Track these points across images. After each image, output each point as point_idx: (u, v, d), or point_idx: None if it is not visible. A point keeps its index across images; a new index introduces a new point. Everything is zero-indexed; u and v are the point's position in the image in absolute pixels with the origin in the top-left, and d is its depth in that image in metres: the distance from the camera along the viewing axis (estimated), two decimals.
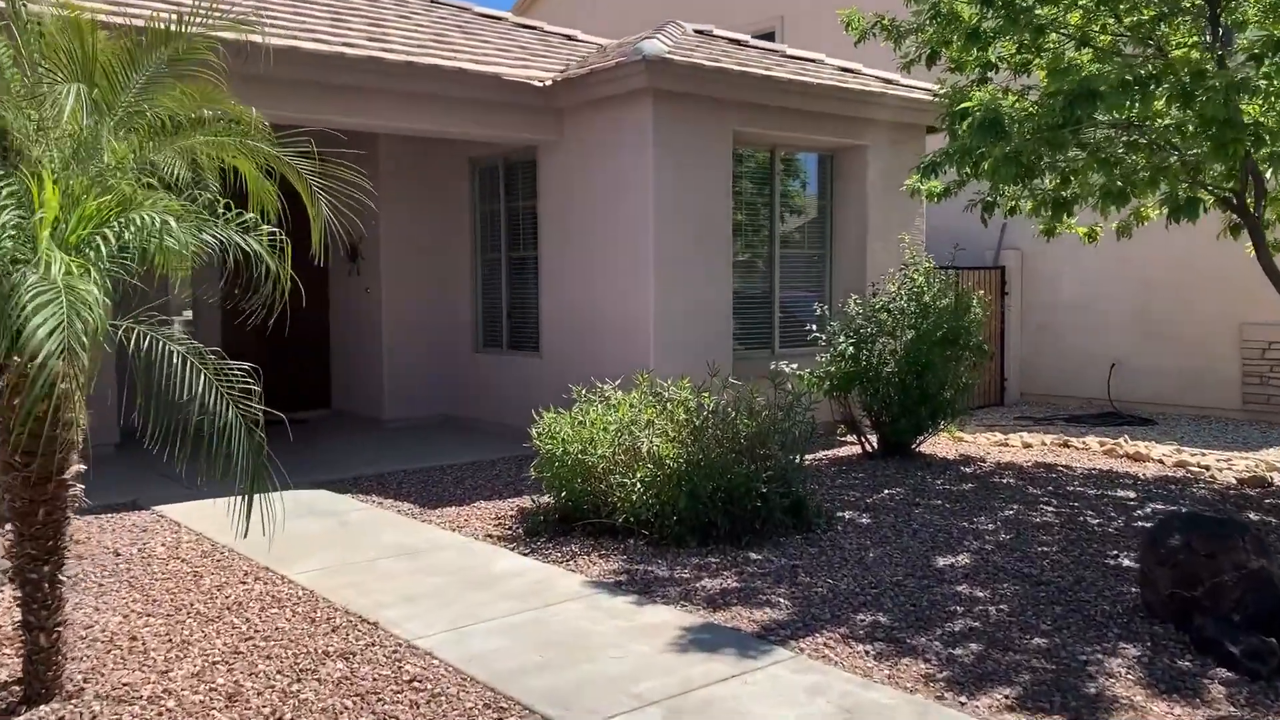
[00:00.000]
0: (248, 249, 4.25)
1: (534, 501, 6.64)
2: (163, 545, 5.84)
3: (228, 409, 3.90)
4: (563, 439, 6.15)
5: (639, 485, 5.86)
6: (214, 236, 4.18)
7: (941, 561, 5.65)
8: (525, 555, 5.73)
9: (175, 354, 3.89)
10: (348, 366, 11.21)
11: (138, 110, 4.24)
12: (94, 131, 3.98)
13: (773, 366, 7.29)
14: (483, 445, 9.30)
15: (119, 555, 5.62)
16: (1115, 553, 5.73)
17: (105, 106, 4.14)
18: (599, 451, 6.02)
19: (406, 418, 10.70)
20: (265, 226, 4.59)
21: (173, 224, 3.85)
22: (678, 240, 8.66)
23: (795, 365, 7.43)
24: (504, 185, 10.17)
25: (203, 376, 3.91)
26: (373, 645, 4.39)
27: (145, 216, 3.76)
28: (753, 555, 5.69)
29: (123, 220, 3.74)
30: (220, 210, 4.27)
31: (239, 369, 4.10)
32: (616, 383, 6.73)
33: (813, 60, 10.08)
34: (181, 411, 3.99)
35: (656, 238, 8.52)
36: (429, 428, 10.54)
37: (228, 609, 4.82)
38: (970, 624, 4.62)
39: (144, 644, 4.41)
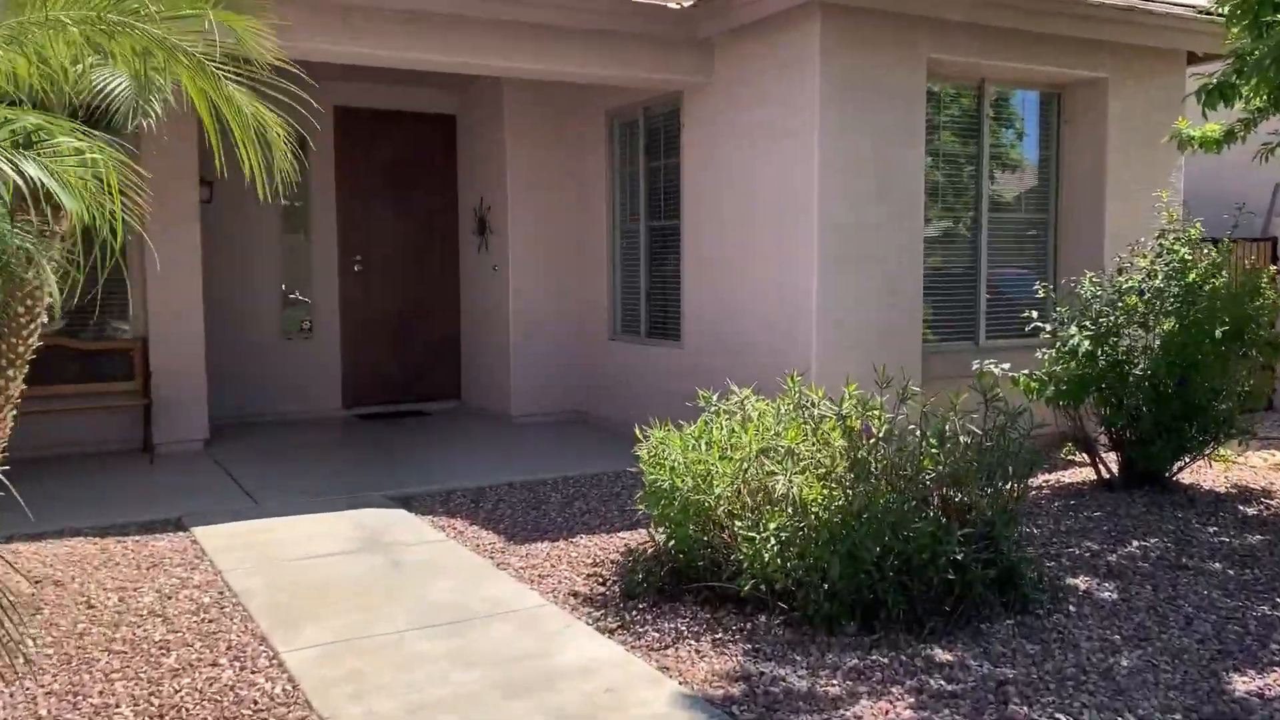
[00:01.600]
0: None
1: (643, 544, 5.01)
2: (157, 593, 4.55)
3: None
4: (671, 467, 4.47)
5: (772, 540, 4.11)
6: None
7: (1240, 683, 3.63)
8: (609, 634, 4.09)
9: None
10: (477, 354, 9.91)
11: None
12: None
13: (976, 366, 5.38)
14: (611, 451, 7.73)
15: (91, 608, 4.36)
16: None
17: None
18: (717, 490, 4.30)
19: (536, 414, 9.28)
20: None
21: None
22: (850, 201, 6.76)
23: (1007, 365, 5.47)
24: (644, 141, 8.52)
25: None
26: None
27: None
28: (939, 655, 3.84)
29: None
30: None
31: None
32: (753, 388, 4.97)
33: None
34: None
35: (822, 198, 6.66)
36: (558, 426, 9.07)
37: (162, 715, 3.41)
38: None
39: None
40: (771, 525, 4.12)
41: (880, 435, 4.27)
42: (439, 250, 10.10)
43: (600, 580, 4.75)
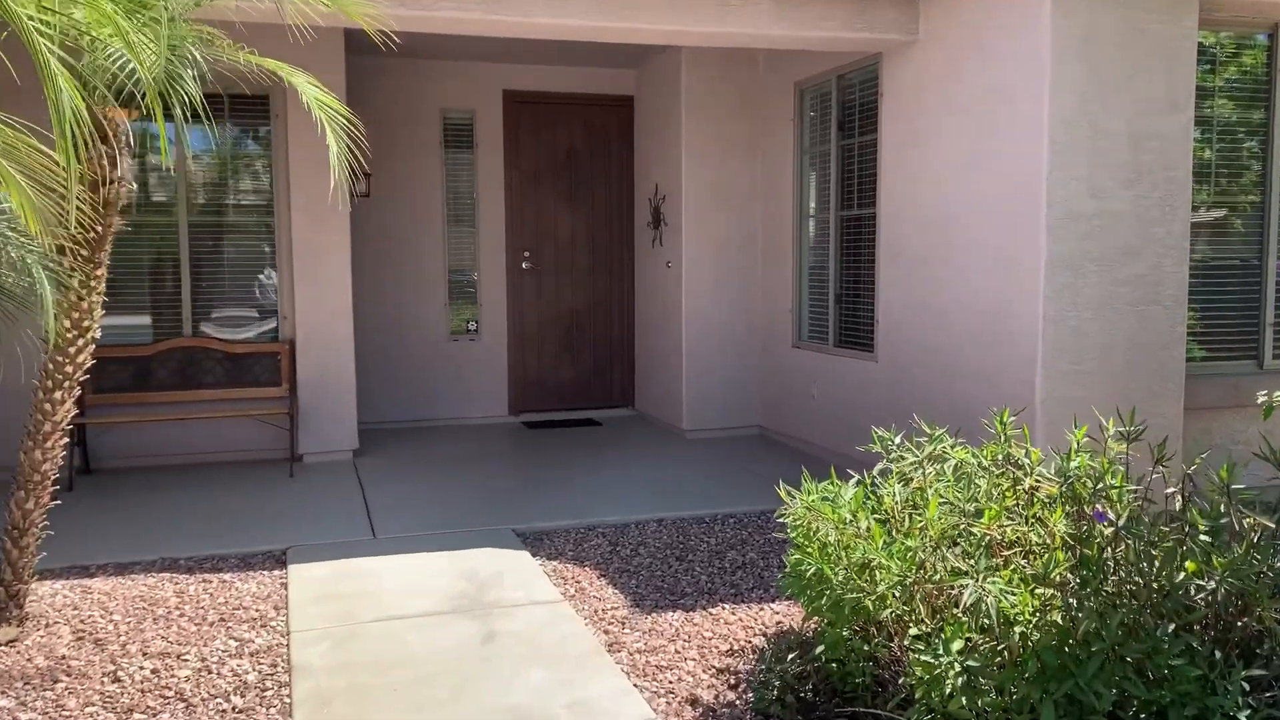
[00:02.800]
0: None
1: (793, 629, 3.90)
2: (202, 662, 3.86)
3: None
4: (822, 544, 3.34)
5: (956, 666, 2.91)
6: None
7: None
8: None
9: None
10: (650, 359, 8.98)
11: None
12: None
13: (1263, 397, 3.94)
14: (788, 479, 6.61)
15: (116, 681, 3.70)
16: None
17: None
18: (879, 587, 3.13)
19: (709, 428, 8.26)
20: None
21: None
22: (1090, 185, 5.31)
23: None
24: (837, 116, 7.28)
25: None
26: None
27: None
28: None
29: None
30: None
31: None
32: (948, 430, 3.73)
33: None
34: None
35: (1052, 180, 5.25)
36: (732, 444, 8.00)
37: None
38: None
39: None
40: (956, 646, 2.91)
41: (1122, 522, 2.97)
42: (614, 245, 9.23)
43: (731, 682, 3.67)
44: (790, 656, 3.54)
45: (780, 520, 3.62)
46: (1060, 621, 2.85)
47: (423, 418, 8.80)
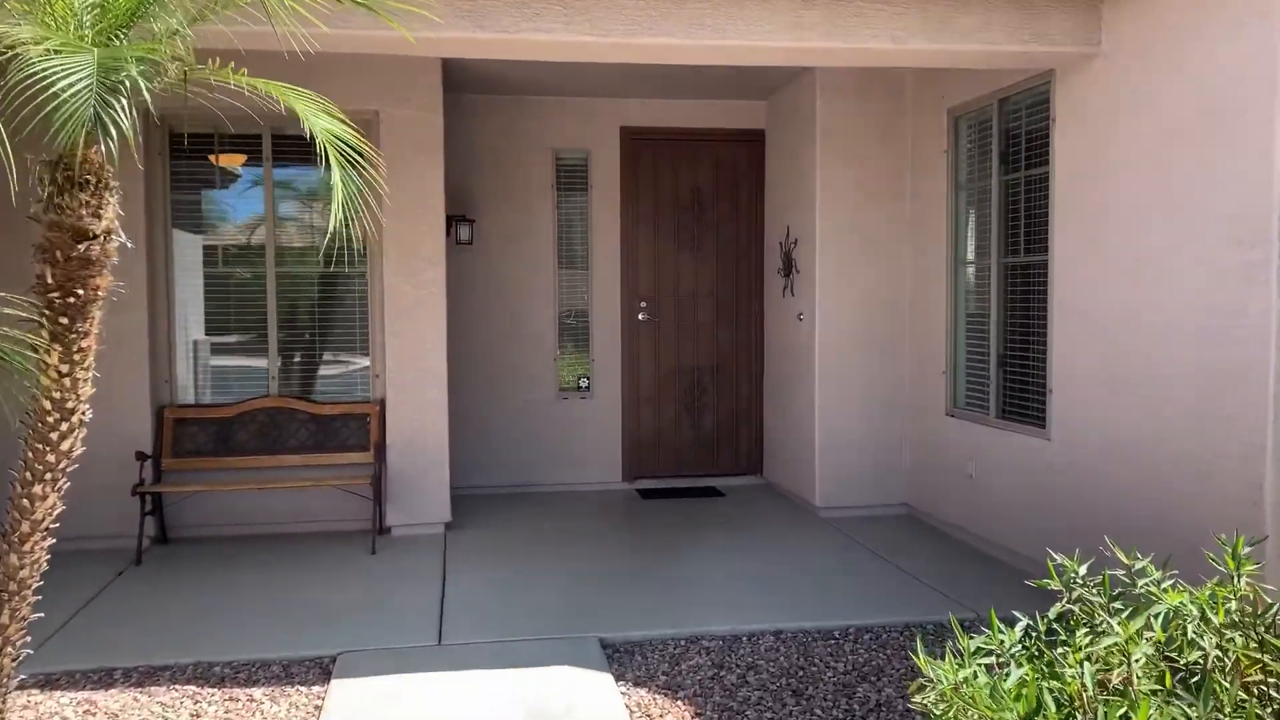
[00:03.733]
0: None
1: None
2: None
3: None
4: None
5: None
6: None
7: None
8: None
9: None
10: (780, 423, 7.98)
11: None
12: None
13: None
14: (941, 578, 5.50)
15: None
16: None
17: None
18: None
19: (847, 506, 7.18)
20: None
21: None
22: None
23: None
24: (999, 146, 6.18)
25: None
26: None
27: None
28: None
29: None
30: None
31: None
32: (1152, 561, 2.65)
33: None
34: None
35: None
36: (874, 526, 6.90)
37: None
38: None
39: None
40: None
41: None
42: (741, 294, 8.31)
43: None
44: None
45: (931, 630, 2.60)
46: None
47: (527, 483, 8.05)
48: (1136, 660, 2.39)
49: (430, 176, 6.66)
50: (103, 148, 2.96)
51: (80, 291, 3.23)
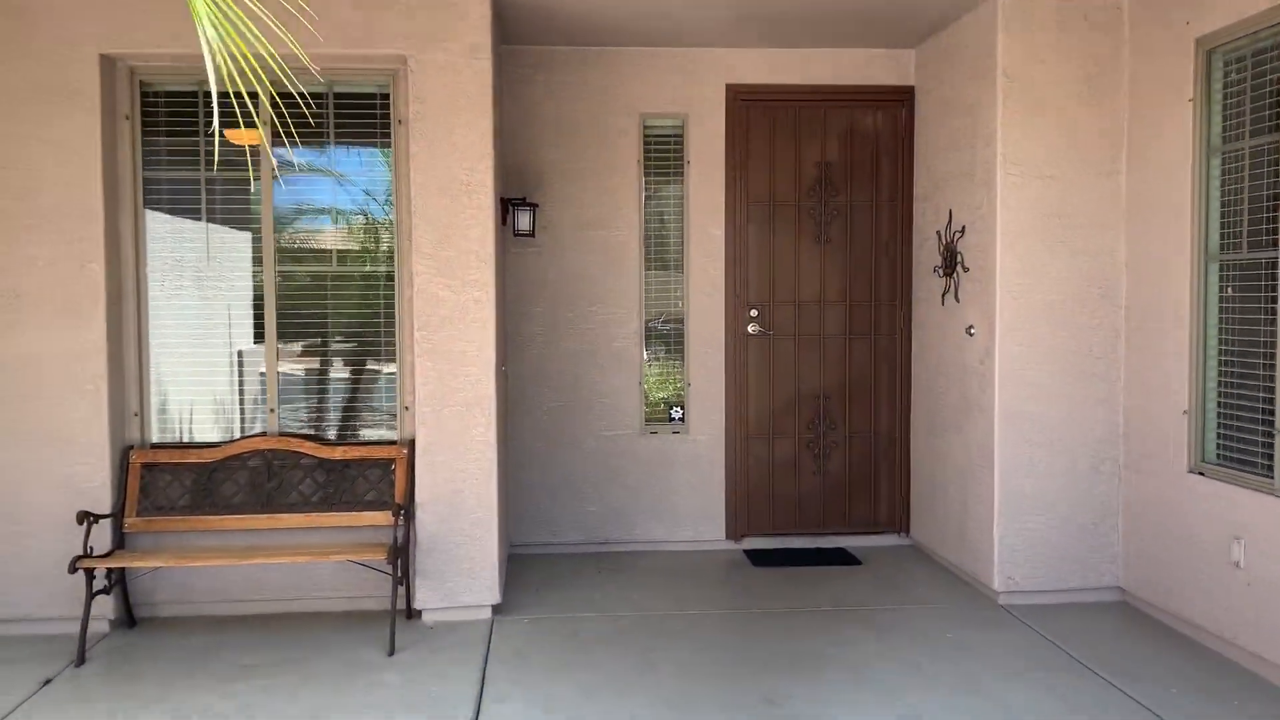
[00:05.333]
0: None
1: None
2: None
3: None
4: None
5: None
6: None
7: None
8: None
9: None
10: (935, 470, 6.09)
11: None
12: None
13: None
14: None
15: None
16: None
17: None
18: None
19: (1037, 590, 5.27)
20: None
21: None
22: None
23: None
24: (1276, 91, 4.23)
25: None
26: None
27: None
28: None
29: None
30: None
31: None
32: None
33: None
34: None
35: None
36: (1082, 624, 4.97)
37: None
38: None
39: None
40: None
41: None
42: (882, 300, 6.44)
43: None
44: None
45: None
46: None
47: (603, 540, 6.32)
48: None
49: (477, 144, 4.98)
50: None
51: None
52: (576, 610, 5.20)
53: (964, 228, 5.61)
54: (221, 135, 5.07)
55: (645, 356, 6.36)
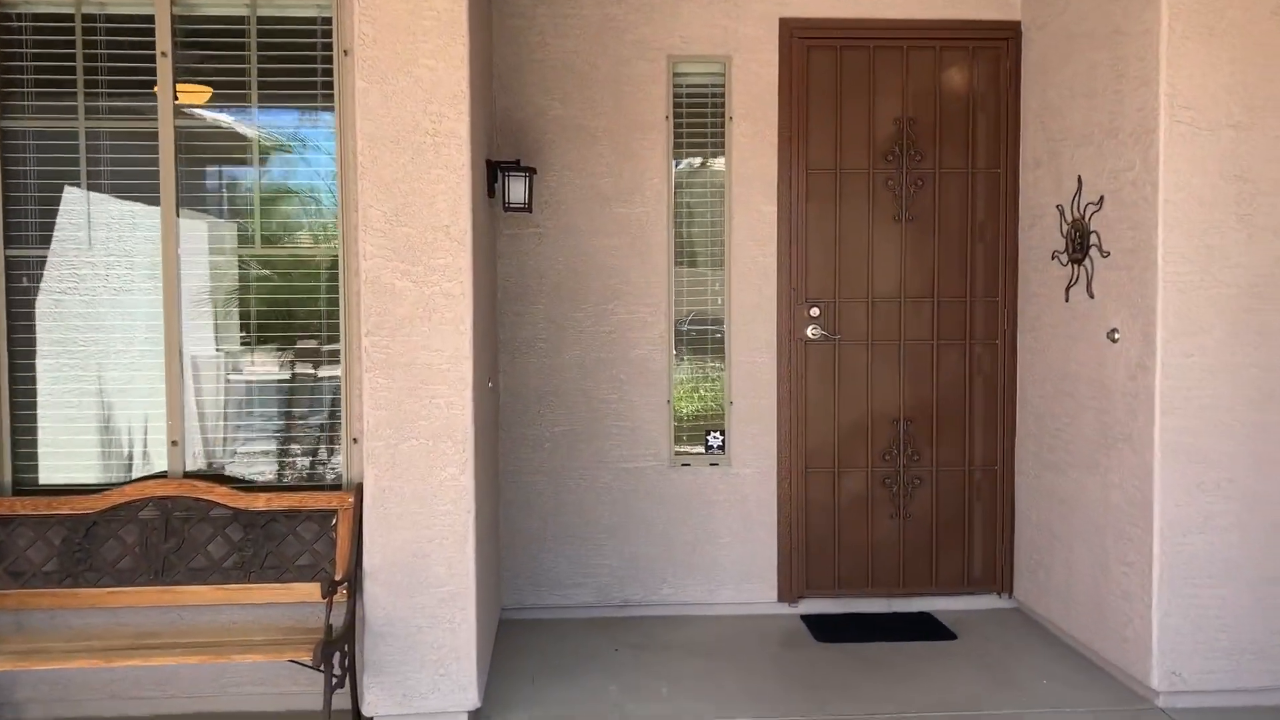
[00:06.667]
0: None
1: None
2: None
3: None
4: None
5: None
6: None
7: None
8: None
9: None
10: (1053, 513, 4.68)
11: None
12: None
13: None
14: None
15: None
16: None
17: None
18: None
19: (1218, 692, 3.85)
20: None
21: None
22: None
23: None
24: None
25: None
26: None
27: None
28: None
29: None
30: None
31: None
32: None
33: None
34: None
35: None
36: None
37: None
38: None
39: None
40: None
41: None
42: (980, 294, 5.04)
43: None
44: None
45: None
46: None
47: (622, 602, 4.95)
48: None
49: (447, 80, 3.63)
50: None
51: None
52: (585, 715, 3.84)
53: (1102, 198, 4.20)
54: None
55: (675, 367, 4.99)
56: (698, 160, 4.96)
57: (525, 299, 4.86)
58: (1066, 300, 4.51)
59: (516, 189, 4.38)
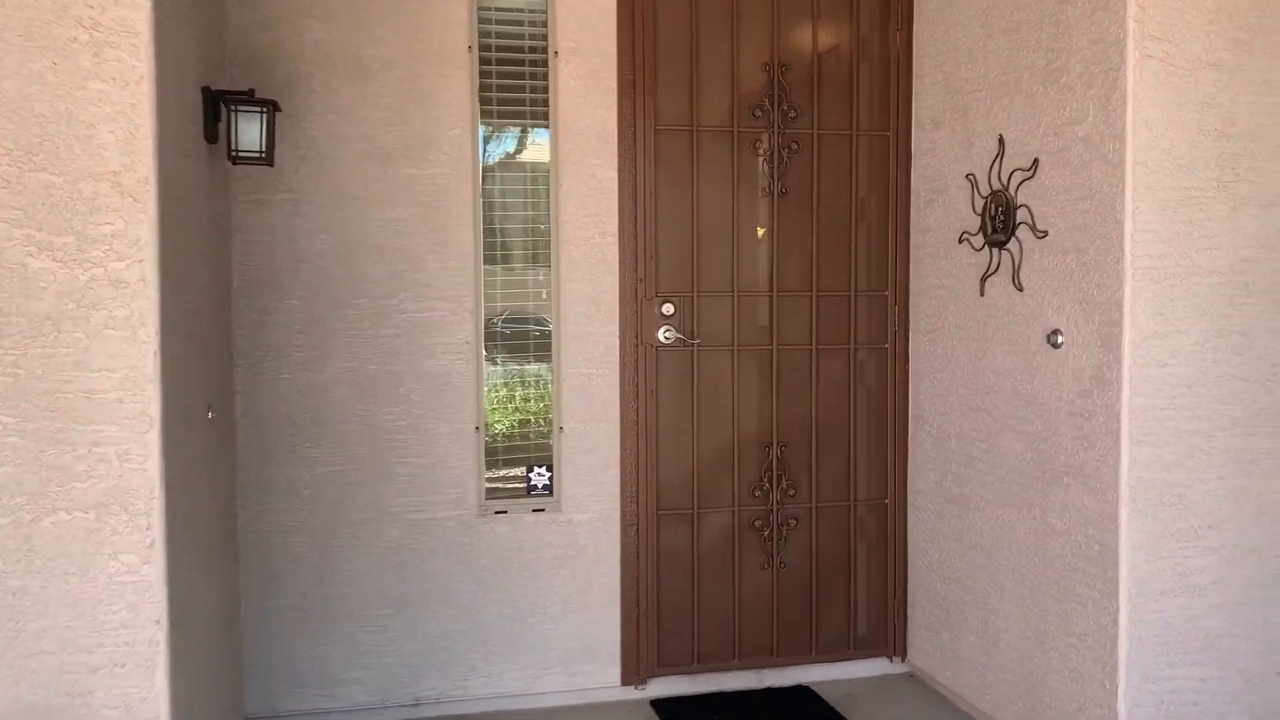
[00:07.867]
0: None
1: None
2: None
3: None
4: None
5: None
6: None
7: None
8: None
9: None
10: (964, 559, 3.74)
11: None
12: None
13: None
14: None
15: None
16: None
17: None
18: None
19: None
20: None
21: None
22: None
23: None
24: None
25: None
26: None
27: None
28: None
29: None
30: None
31: None
32: None
33: None
34: None
35: None
36: None
37: None
38: None
39: None
40: None
41: None
42: (868, 286, 4.04)
43: None
44: None
45: None
46: None
47: (415, 700, 3.69)
48: None
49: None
50: None
51: None
52: None
53: (1035, 162, 3.27)
54: None
55: (486, 382, 3.76)
56: (513, 108, 3.75)
57: (274, 291, 3.52)
58: (982, 294, 3.57)
59: (249, 130, 3.02)
